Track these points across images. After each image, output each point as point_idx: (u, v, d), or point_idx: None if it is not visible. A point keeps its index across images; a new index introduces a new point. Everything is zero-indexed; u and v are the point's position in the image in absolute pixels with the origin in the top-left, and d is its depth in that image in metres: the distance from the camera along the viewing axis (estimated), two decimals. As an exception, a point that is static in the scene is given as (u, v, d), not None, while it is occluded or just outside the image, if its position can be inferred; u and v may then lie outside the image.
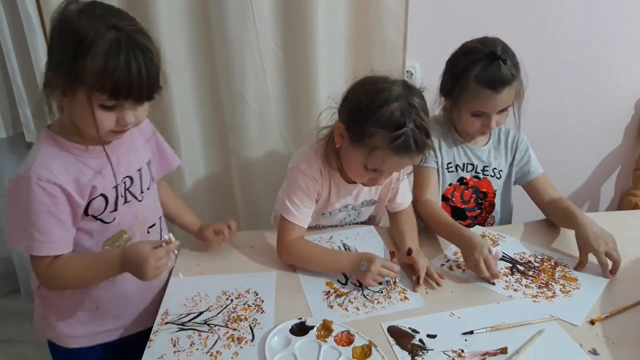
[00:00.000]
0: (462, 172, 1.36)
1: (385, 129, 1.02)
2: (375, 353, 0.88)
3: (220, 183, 1.78)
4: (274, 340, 0.91)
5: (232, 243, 1.23)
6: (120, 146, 0.98)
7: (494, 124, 1.25)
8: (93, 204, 0.94)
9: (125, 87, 0.81)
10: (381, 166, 1.07)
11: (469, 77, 1.20)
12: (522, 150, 1.38)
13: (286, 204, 1.17)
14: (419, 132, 1.02)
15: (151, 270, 0.87)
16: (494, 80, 1.18)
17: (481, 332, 0.92)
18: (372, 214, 1.35)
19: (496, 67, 1.18)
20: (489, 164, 1.37)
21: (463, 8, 1.67)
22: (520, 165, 1.38)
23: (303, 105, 1.61)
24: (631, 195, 2.01)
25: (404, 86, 1.05)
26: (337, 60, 1.59)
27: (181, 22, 1.50)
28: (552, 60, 1.77)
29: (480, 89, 1.19)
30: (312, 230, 1.29)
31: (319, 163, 1.19)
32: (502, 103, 1.22)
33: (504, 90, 1.19)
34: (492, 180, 1.38)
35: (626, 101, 1.93)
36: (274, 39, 1.53)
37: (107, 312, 1.05)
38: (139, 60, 0.81)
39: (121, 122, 0.87)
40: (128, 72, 0.80)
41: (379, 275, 1.04)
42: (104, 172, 0.94)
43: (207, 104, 1.65)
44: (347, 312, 1.00)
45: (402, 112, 1.01)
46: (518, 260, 1.17)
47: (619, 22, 1.75)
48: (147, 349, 0.90)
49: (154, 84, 0.86)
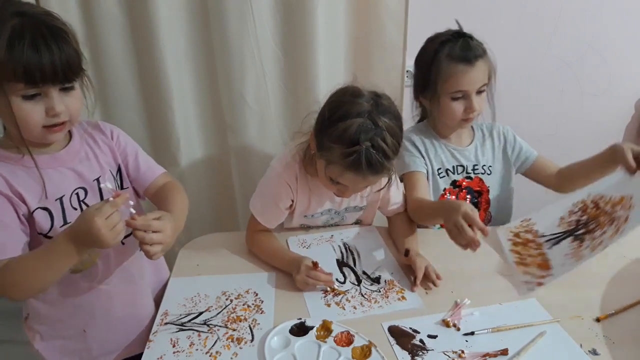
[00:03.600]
0: (454, 175, 1.35)
1: (339, 144, 0.99)
2: (375, 353, 0.88)
3: (220, 183, 1.78)
4: (273, 340, 0.91)
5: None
6: (72, 156, 0.95)
7: (476, 105, 1.22)
8: (35, 217, 0.88)
9: (38, 70, 0.78)
10: (338, 179, 1.05)
11: (441, 58, 1.20)
12: (511, 141, 1.38)
13: (255, 201, 1.22)
14: (375, 152, 0.97)
15: (105, 230, 0.77)
16: (466, 53, 1.19)
17: (482, 333, 0.92)
18: (359, 219, 1.34)
19: (465, 42, 1.20)
20: (478, 162, 1.36)
21: (463, 8, 1.66)
22: (515, 156, 1.37)
23: (303, 105, 1.60)
24: (631, 195, 2.01)
25: (374, 103, 1.01)
26: (337, 60, 1.59)
27: (181, 22, 1.50)
28: (552, 60, 1.77)
29: (454, 64, 1.19)
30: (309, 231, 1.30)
31: (296, 168, 1.18)
32: (478, 78, 1.21)
33: (477, 62, 1.19)
34: (484, 178, 1.37)
35: (626, 101, 1.93)
36: (274, 39, 1.53)
37: (94, 336, 1.02)
38: (48, 40, 0.78)
39: (51, 113, 0.83)
40: (36, 53, 0.77)
41: (307, 282, 1.04)
42: (42, 184, 0.89)
43: (207, 104, 1.64)
44: (344, 311, 1.00)
45: (358, 129, 0.97)
46: (566, 230, 1.04)
47: (619, 22, 1.75)
48: (147, 349, 0.90)
49: (72, 65, 0.82)
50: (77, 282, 0.97)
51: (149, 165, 1.09)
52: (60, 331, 1.02)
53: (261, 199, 1.22)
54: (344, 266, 1.15)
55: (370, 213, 1.33)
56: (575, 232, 1.02)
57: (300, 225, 1.31)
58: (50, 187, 0.90)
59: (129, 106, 1.60)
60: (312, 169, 1.16)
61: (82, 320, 1.01)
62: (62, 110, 0.84)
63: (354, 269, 1.14)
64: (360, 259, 1.18)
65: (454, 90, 1.22)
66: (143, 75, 1.56)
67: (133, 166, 1.06)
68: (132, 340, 1.07)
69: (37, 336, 1.02)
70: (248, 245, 1.22)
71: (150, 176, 1.08)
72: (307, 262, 1.06)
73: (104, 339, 1.04)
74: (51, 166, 0.92)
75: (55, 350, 1.02)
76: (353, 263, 1.16)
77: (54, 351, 1.02)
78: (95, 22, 1.46)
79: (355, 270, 1.14)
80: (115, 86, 1.55)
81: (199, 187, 1.75)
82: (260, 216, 1.21)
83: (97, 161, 1.00)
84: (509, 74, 1.72)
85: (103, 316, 1.02)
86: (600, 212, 1.01)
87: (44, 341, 1.02)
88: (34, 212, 0.88)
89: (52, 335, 1.02)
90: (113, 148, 1.03)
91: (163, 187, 1.08)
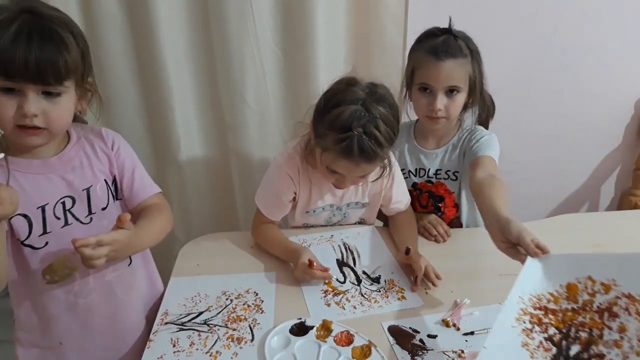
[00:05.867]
0: (415, 177, 1.35)
1: (332, 131, 1.02)
2: (375, 353, 0.88)
3: (220, 183, 1.78)
4: (273, 340, 0.91)
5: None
6: (64, 164, 0.93)
7: (439, 104, 1.18)
8: (13, 224, 0.86)
9: (10, 62, 0.76)
10: (333, 167, 1.07)
11: (418, 49, 1.21)
12: (476, 138, 1.26)
13: (259, 194, 1.26)
14: (367, 139, 0.99)
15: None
16: (437, 48, 1.17)
17: (482, 333, 0.92)
18: (362, 217, 1.34)
19: (445, 39, 1.18)
20: (442, 167, 1.32)
21: (463, 8, 1.66)
22: (469, 146, 1.27)
23: (303, 105, 1.60)
24: (631, 195, 2.01)
25: (370, 92, 1.03)
26: (337, 61, 1.59)
27: (181, 22, 1.50)
28: (552, 61, 1.77)
29: (424, 56, 1.19)
30: (308, 230, 1.29)
31: (298, 160, 1.20)
32: (445, 77, 1.17)
33: (448, 60, 1.16)
34: (447, 183, 1.33)
35: (626, 101, 1.93)
36: (274, 39, 1.53)
37: (70, 348, 1.00)
38: (33, 37, 0.76)
39: (20, 111, 0.80)
40: (13, 45, 0.75)
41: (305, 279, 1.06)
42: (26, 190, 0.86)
43: (207, 104, 1.64)
44: (344, 311, 1.00)
45: (351, 115, 0.99)
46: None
47: (619, 22, 1.75)
48: (147, 349, 0.90)
49: (52, 67, 0.79)
50: (54, 293, 0.95)
51: (144, 184, 1.06)
52: (38, 340, 1.00)
53: (265, 192, 1.25)
54: (344, 266, 1.15)
55: (373, 212, 1.33)
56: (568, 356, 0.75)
57: (303, 224, 1.31)
58: (35, 194, 0.88)
59: (129, 106, 1.60)
60: (313, 160, 1.17)
61: (58, 332, 0.99)
62: (34, 113, 0.80)
63: (354, 268, 1.14)
64: (360, 259, 1.18)
65: (419, 81, 1.21)
66: (143, 75, 1.56)
67: (127, 182, 1.03)
68: (112, 355, 1.04)
69: (17, 342, 1.00)
70: (253, 237, 1.25)
71: (142, 195, 1.05)
72: (304, 259, 1.06)
73: (81, 351, 1.02)
74: (40, 172, 0.90)
75: (32, 359, 1.01)
76: (353, 263, 1.16)
77: (31, 359, 1.01)
78: (95, 22, 1.46)
79: (355, 270, 1.14)
80: (115, 86, 1.55)
81: (199, 187, 1.76)
82: (264, 209, 1.24)
83: (92, 170, 0.97)
84: (509, 74, 1.73)
85: (80, 330, 1.00)
86: (565, 314, 0.79)
87: (23, 348, 1.00)
88: (12, 219, 0.86)
89: (31, 343, 1.00)
90: (111, 158, 1.01)
91: (149, 207, 1.04)
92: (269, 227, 1.25)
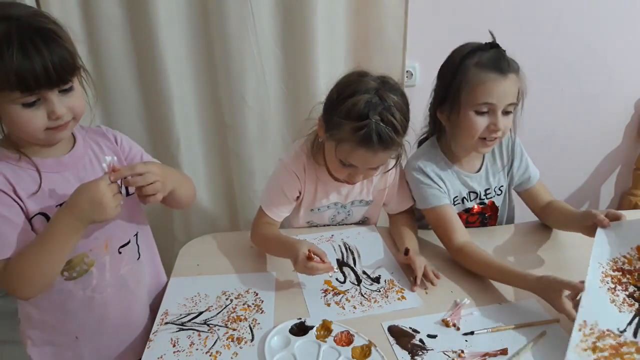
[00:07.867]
0: (468, 202, 1.28)
1: (349, 120, 1.02)
2: (375, 353, 0.88)
3: (220, 183, 1.78)
4: (273, 340, 0.91)
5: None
6: (76, 161, 0.94)
7: (501, 124, 1.10)
8: (34, 224, 0.87)
9: (32, 76, 0.76)
10: (348, 159, 1.07)
11: (468, 65, 1.09)
12: (519, 156, 1.28)
13: (265, 194, 1.25)
14: (385, 126, 1.00)
15: (109, 195, 0.82)
16: (499, 63, 1.07)
17: (482, 333, 0.92)
18: (365, 215, 1.34)
19: (498, 52, 1.09)
20: (490, 186, 1.28)
21: (463, 8, 1.67)
22: (520, 173, 1.29)
23: (303, 105, 1.60)
24: (631, 195, 2.01)
25: (381, 82, 1.04)
26: (337, 61, 1.59)
27: (181, 22, 1.50)
28: (552, 61, 1.77)
29: (483, 73, 1.07)
30: (308, 230, 1.29)
31: (304, 159, 1.20)
32: (509, 93, 1.08)
33: (511, 75, 1.08)
34: (495, 199, 1.31)
35: (626, 101, 1.93)
36: (274, 39, 1.54)
37: (86, 342, 1.01)
38: (38, 44, 0.76)
39: (53, 117, 0.82)
40: (27, 59, 0.75)
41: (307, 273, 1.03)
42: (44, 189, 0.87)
43: (207, 104, 1.65)
44: (343, 310, 1.00)
45: (367, 103, 1.00)
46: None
47: (619, 22, 1.75)
48: (147, 349, 0.90)
49: (66, 66, 0.80)
50: (71, 290, 0.95)
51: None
52: (52, 337, 1.00)
53: (269, 190, 1.24)
54: (344, 266, 1.15)
55: (376, 210, 1.33)
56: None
57: (307, 222, 1.31)
58: (53, 192, 0.89)
59: (129, 106, 1.60)
60: (320, 157, 1.17)
61: (74, 327, 0.99)
62: (64, 113, 0.83)
63: (354, 268, 1.14)
64: (360, 259, 1.18)
65: (480, 101, 1.08)
66: (143, 76, 1.57)
67: None
68: (126, 348, 1.05)
69: (29, 341, 1.01)
70: (251, 239, 1.22)
71: None
72: (303, 252, 1.03)
73: (97, 346, 1.03)
74: (55, 170, 0.91)
75: (46, 356, 1.01)
76: (353, 263, 1.16)
77: (46, 357, 1.01)
78: (95, 22, 1.46)
79: (355, 270, 1.14)
80: (115, 86, 1.55)
81: (199, 187, 1.75)
82: (267, 207, 1.21)
83: (101, 167, 0.97)
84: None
85: (96, 324, 1.00)
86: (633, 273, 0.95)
87: (36, 346, 1.01)
88: (33, 219, 0.87)
89: (44, 341, 1.01)
90: (119, 153, 1.03)
91: None
92: (268, 226, 1.23)
